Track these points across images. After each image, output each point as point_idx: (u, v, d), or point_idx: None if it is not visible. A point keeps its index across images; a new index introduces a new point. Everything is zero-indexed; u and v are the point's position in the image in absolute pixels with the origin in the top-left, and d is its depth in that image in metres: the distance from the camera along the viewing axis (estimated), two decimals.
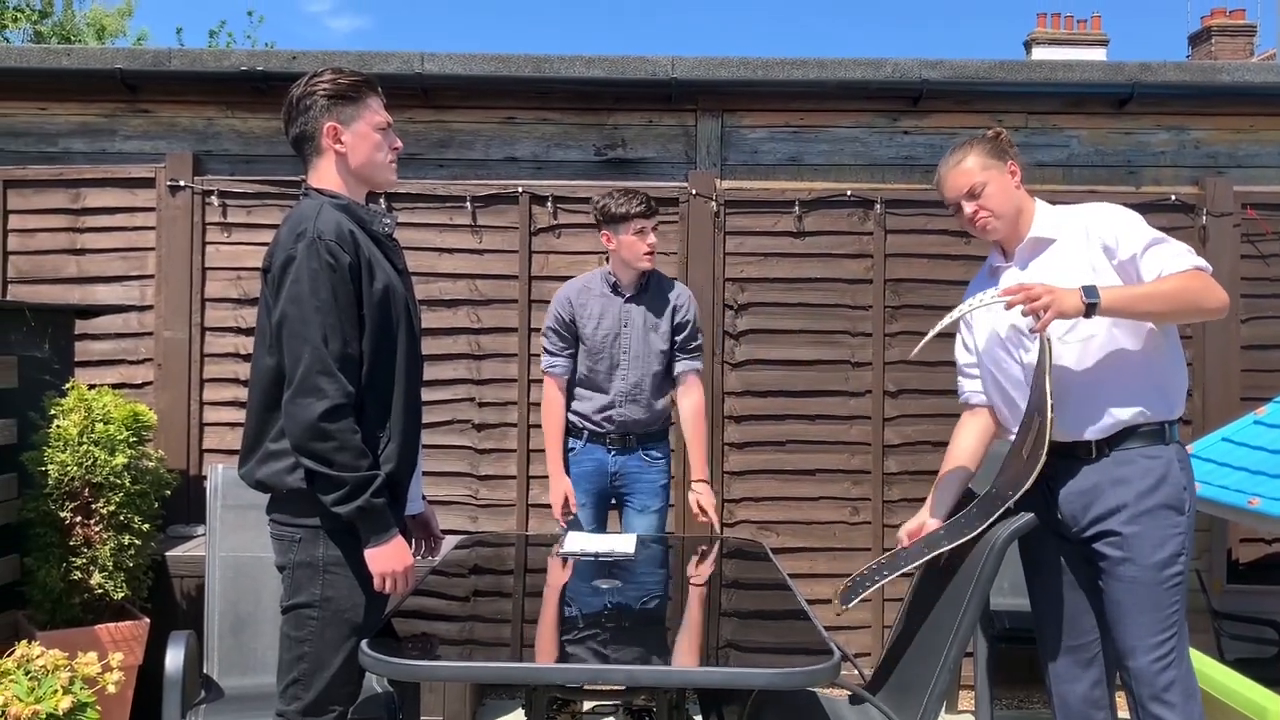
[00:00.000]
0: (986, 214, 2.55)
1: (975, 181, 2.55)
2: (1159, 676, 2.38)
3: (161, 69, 4.38)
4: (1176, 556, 2.40)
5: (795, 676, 2.07)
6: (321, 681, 2.23)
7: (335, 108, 2.33)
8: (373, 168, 2.38)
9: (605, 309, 3.55)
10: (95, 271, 4.44)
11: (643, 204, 3.47)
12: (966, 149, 2.59)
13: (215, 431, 4.42)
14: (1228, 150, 4.55)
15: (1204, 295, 2.37)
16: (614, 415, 3.54)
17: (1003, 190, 2.55)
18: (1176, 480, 2.42)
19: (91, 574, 3.40)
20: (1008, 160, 2.59)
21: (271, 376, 2.25)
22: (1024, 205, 2.59)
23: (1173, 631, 2.40)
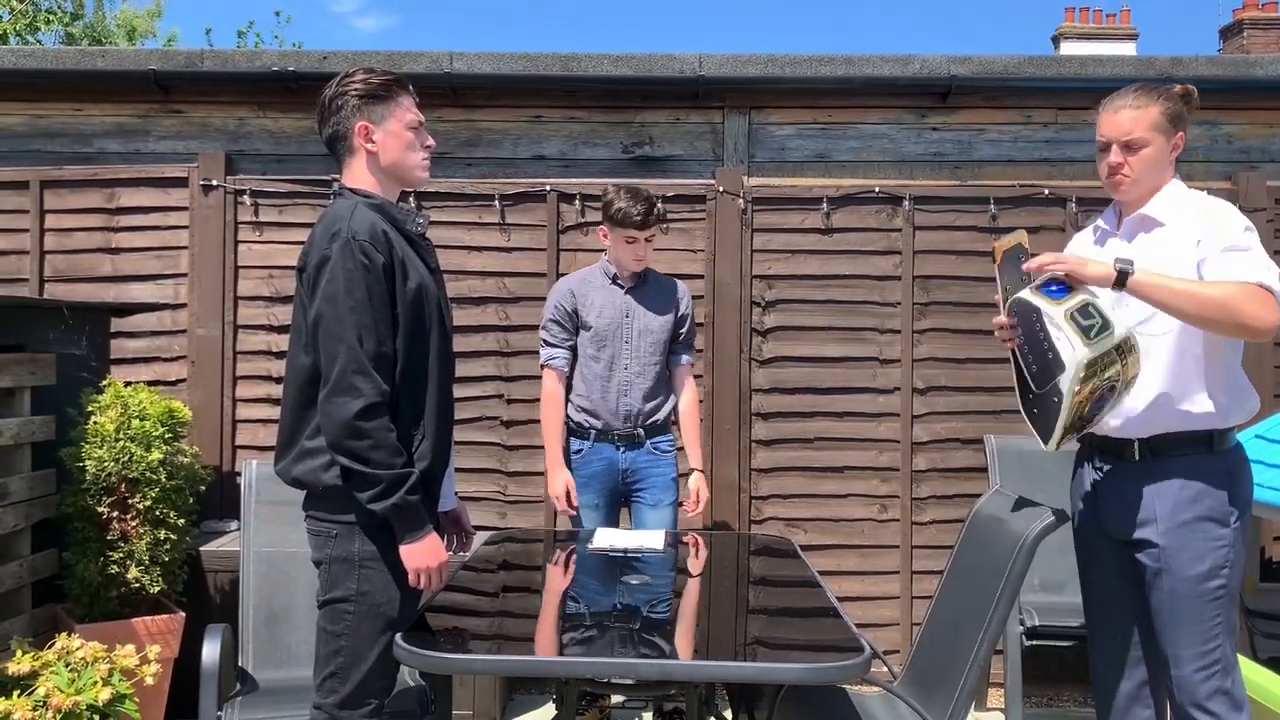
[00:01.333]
0: (1128, 174, 2.45)
1: (1139, 136, 2.44)
2: (1201, 686, 2.35)
3: (194, 70, 4.43)
4: (1218, 570, 2.34)
5: (826, 672, 2.08)
6: (358, 675, 2.26)
7: (367, 107, 2.36)
8: (405, 166, 2.41)
9: (607, 299, 3.61)
10: (130, 270, 4.50)
11: (641, 214, 3.48)
12: (1153, 96, 2.45)
13: (248, 428, 4.47)
14: (1261, 145, 4.51)
15: (1247, 311, 2.24)
16: (619, 405, 3.57)
17: (1158, 158, 2.45)
18: (1220, 492, 2.35)
19: (128, 568, 3.45)
20: (1179, 131, 2.48)
21: (307, 375, 2.28)
22: (1166, 176, 2.48)
23: (1216, 643, 2.35)
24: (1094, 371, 2.22)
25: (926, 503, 4.43)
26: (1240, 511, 2.37)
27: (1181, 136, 2.47)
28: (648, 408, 3.60)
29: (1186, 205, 2.45)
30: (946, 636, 2.61)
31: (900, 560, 4.43)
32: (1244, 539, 2.39)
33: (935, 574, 4.37)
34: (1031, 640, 3.68)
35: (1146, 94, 2.45)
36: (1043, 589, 3.88)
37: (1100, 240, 2.59)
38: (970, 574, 2.59)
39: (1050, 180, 4.48)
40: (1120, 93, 2.49)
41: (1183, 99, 2.48)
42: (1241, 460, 2.43)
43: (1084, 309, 2.25)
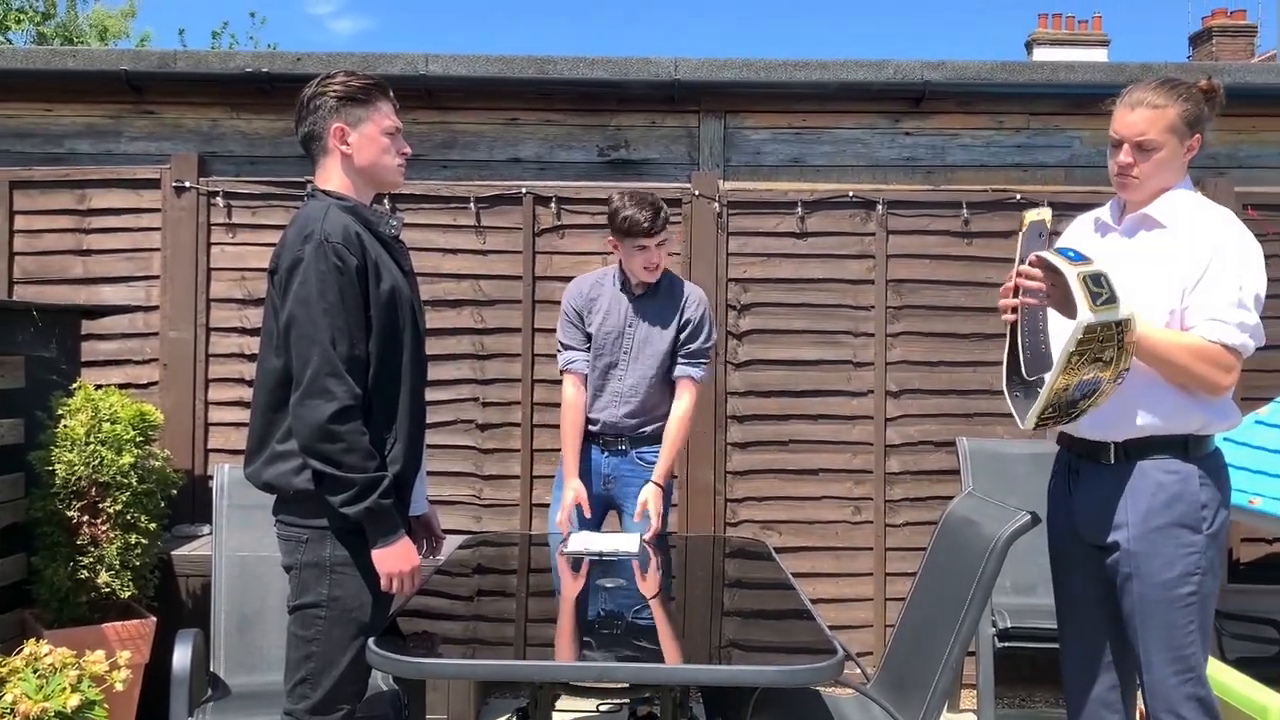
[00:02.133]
0: (1137, 175, 2.38)
1: (1153, 138, 2.36)
2: (1174, 692, 2.33)
3: (167, 70, 4.40)
4: (1189, 576, 2.31)
5: (799, 674, 2.09)
6: (329, 680, 2.25)
7: (344, 109, 2.35)
8: (379, 169, 2.39)
9: (613, 306, 3.49)
10: (101, 272, 4.46)
11: (648, 222, 3.32)
12: (1173, 96, 2.36)
13: (220, 431, 4.44)
14: (1229, 151, 4.56)
15: (1203, 378, 2.26)
16: (603, 417, 3.47)
17: (1169, 162, 2.38)
18: (1194, 498, 2.32)
19: (98, 573, 3.42)
20: (1195, 133, 2.39)
21: (278, 377, 2.27)
22: (1174, 182, 2.41)
23: (1189, 649, 2.33)
24: (1091, 341, 2.18)
25: (900, 505, 4.46)
26: (1214, 518, 2.34)
27: (1198, 139, 2.40)
28: (638, 421, 3.48)
29: (1192, 213, 2.38)
30: (919, 638, 2.62)
31: (874, 562, 4.45)
32: (1219, 546, 2.37)
33: (909, 576, 4.39)
34: (1004, 642, 3.71)
35: (1166, 92, 2.36)
36: (1015, 591, 3.91)
37: (1101, 231, 2.55)
38: (943, 576, 2.61)
39: (1022, 185, 4.51)
40: (1142, 85, 2.40)
41: (1205, 97, 2.40)
42: (1218, 466, 2.41)
43: (1096, 277, 2.22)
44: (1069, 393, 2.26)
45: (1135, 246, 2.43)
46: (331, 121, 2.35)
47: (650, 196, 3.43)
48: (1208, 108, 2.40)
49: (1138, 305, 2.27)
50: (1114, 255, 2.43)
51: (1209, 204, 2.43)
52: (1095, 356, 2.21)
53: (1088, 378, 2.24)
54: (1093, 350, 2.20)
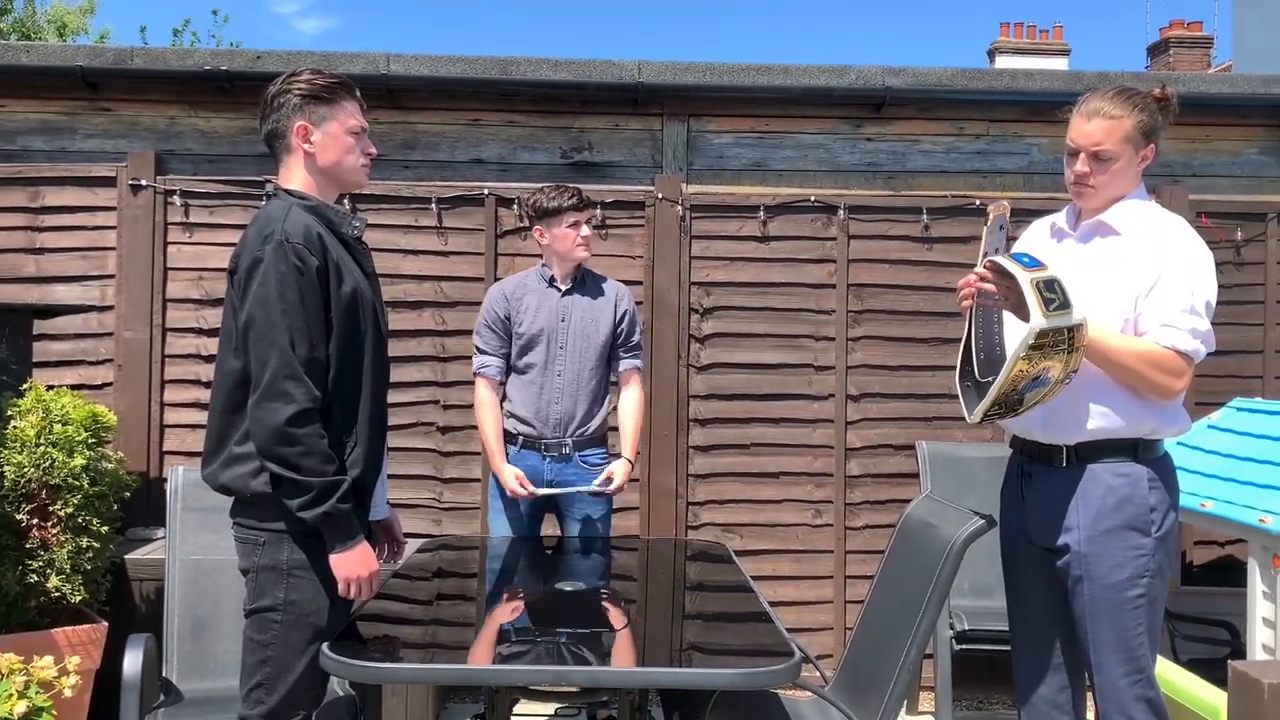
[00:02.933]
0: (1093, 185, 2.40)
1: (1109, 148, 2.37)
2: (1124, 693, 2.35)
3: (123, 67, 4.34)
4: (1137, 578, 2.33)
5: (757, 677, 2.09)
6: (285, 685, 2.22)
7: (308, 107, 2.33)
8: (342, 169, 2.37)
9: (542, 303, 3.50)
10: (54, 271, 4.39)
11: (574, 196, 3.44)
12: (1129, 106, 2.38)
13: (176, 433, 4.38)
14: (1183, 159, 4.63)
15: (1155, 382, 2.30)
16: (550, 412, 3.46)
17: (1125, 170, 2.40)
18: (1143, 501, 2.34)
19: (49, 577, 3.36)
20: (1151, 143, 2.41)
21: (236, 379, 2.24)
22: (1130, 190, 2.44)
23: (1139, 651, 2.35)
24: (1043, 345, 2.21)
25: (860, 508, 4.48)
26: (1163, 521, 2.36)
27: (1153, 148, 2.42)
28: (579, 416, 3.47)
29: (1146, 221, 2.41)
30: (877, 640, 2.63)
31: (834, 565, 4.47)
32: (1168, 548, 2.39)
33: (868, 578, 4.39)
34: (961, 644, 3.74)
35: (1123, 103, 2.38)
36: (972, 593, 3.95)
37: (1057, 237, 2.57)
38: (900, 578, 2.63)
39: (981, 191, 4.56)
40: (1098, 94, 2.42)
41: (1159, 105, 2.41)
42: (1168, 470, 2.43)
43: (1050, 282, 2.25)
44: (1016, 391, 2.29)
45: (1090, 253, 2.46)
46: (295, 119, 2.32)
47: (563, 184, 3.54)
48: (1162, 116, 2.42)
49: (1091, 310, 2.29)
50: (1069, 261, 2.44)
51: (1163, 212, 2.46)
52: (1046, 358, 2.24)
53: (1036, 376, 2.27)
54: (1043, 353, 2.22)
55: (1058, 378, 2.28)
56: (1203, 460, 3.57)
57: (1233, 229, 4.56)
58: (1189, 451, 3.70)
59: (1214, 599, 4.06)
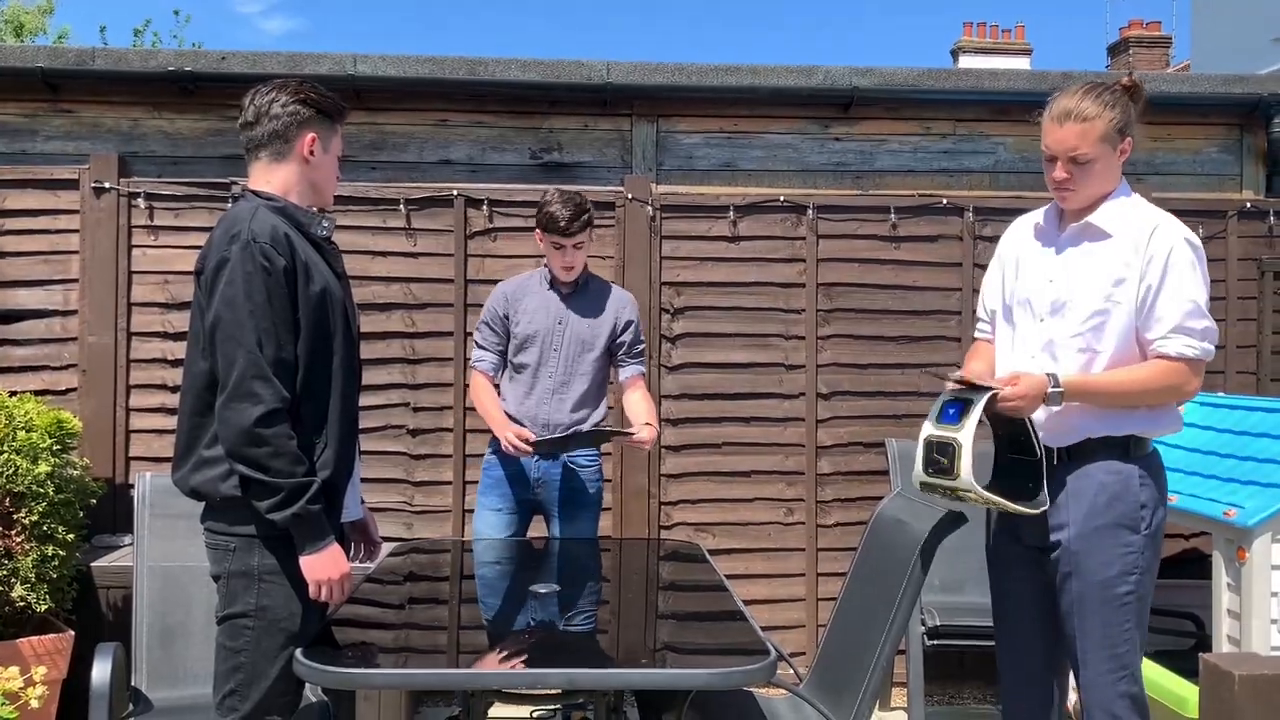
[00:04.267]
0: (1072, 189, 2.39)
1: (1086, 151, 2.35)
2: (1108, 690, 2.36)
3: (85, 68, 4.29)
4: (1126, 575, 2.33)
5: (732, 676, 2.10)
6: (259, 692, 2.20)
7: (320, 121, 2.35)
8: (326, 188, 2.42)
9: (541, 304, 3.50)
10: (15, 275, 4.32)
11: (564, 221, 3.35)
12: (1101, 105, 2.35)
13: (142, 439, 4.32)
14: (1146, 158, 4.70)
15: (1173, 392, 2.34)
16: (539, 413, 3.45)
17: (1104, 171, 2.38)
18: (1134, 498, 2.34)
19: (13, 586, 3.31)
20: (1127, 137, 2.38)
21: (204, 381, 2.22)
22: (1112, 186, 2.42)
23: (1124, 648, 2.35)
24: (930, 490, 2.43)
25: (831, 505, 4.51)
26: (1152, 518, 2.36)
27: (1129, 142, 2.39)
28: (568, 420, 3.46)
29: (1134, 218, 2.38)
30: (851, 638, 2.65)
31: (806, 563, 4.49)
32: (1156, 546, 2.39)
33: (840, 576, 4.43)
34: (933, 640, 3.77)
35: (1094, 102, 2.35)
36: (944, 589, 3.98)
37: (1043, 240, 2.52)
38: (873, 576, 2.64)
39: (948, 190, 4.60)
40: (1067, 94, 2.38)
41: (1130, 95, 2.39)
42: (1157, 467, 2.43)
43: (944, 446, 2.38)
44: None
45: (1081, 258, 2.43)
46: (307, 130, 2.32)
47: (578, 198, 3.45)
48: (1135, 107, 2.40)
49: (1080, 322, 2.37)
50: (1059, 267, 2.44)
51: (1151, 210, 2.42)
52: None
53: None
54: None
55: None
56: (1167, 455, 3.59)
57: (1194, 226, 4.59)
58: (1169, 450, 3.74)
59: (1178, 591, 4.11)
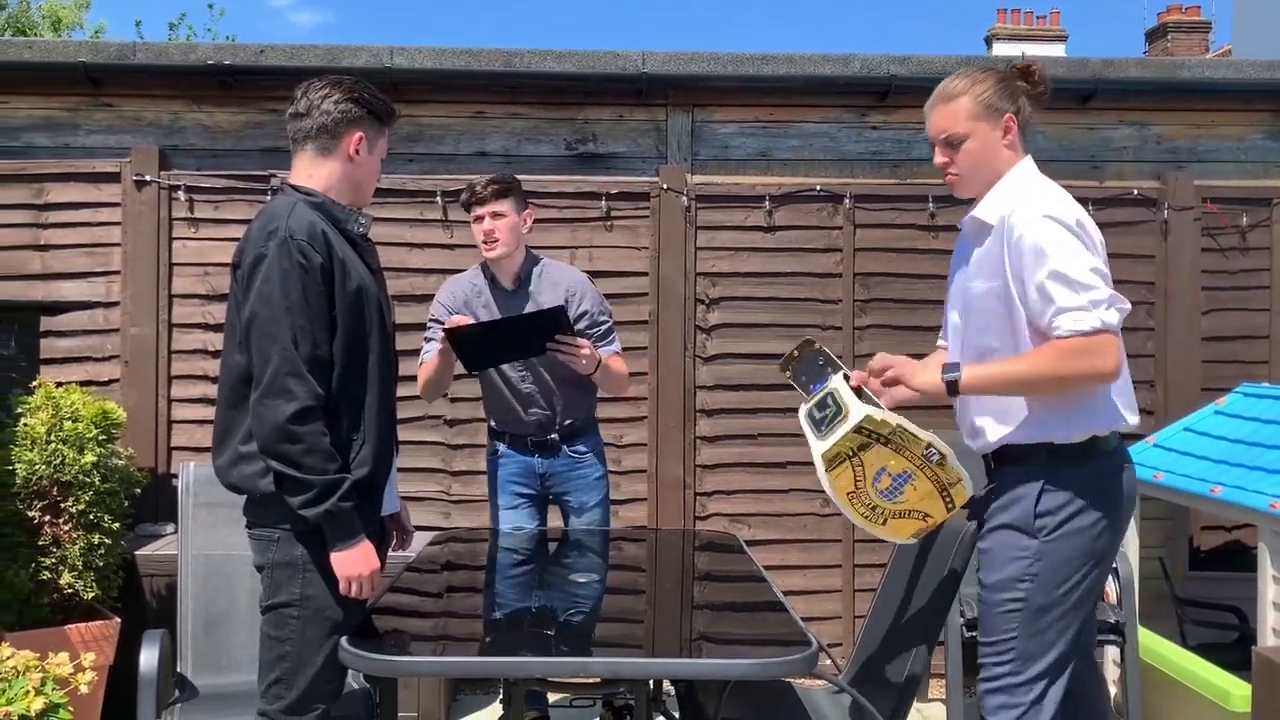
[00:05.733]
0: (955, 171, 2.33)
1: (955, 131, 2.29)
2: (985, 699, 2.28)
3: (126, 62, 4.33)
4: (1015, 581, 2.21)
5: (772, 667, 2.09)
6: (304, 680, 2.22)
7: (369, 121, 2.36)
8: (365, 189, 2.42)
9: (486, 308, 3.38)
10: (60, 268, 4.38)
11: (469, 192, 3.30)
12: (967, 81, 2.28)
13: (184, 429, 4.38)
14: (1188, 145, 4.63)
15: (1080, 374, 2.12)
16: (527, 417, 3.42)
17: (984, 149, 2.28)
18: (1028, 503, 2.22)
19: (61, 574, 3.36)
20: (1006, 113, 2.28)
21: (239, 373, 2.24)
22: (1005, 167, 2.30)
23: (1005, 658, 2.23)
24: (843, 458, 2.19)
25: None
26: (1056, 527, 2.20)
27: (1011, 117, 2.28)
28: (559, 414, 3.41)
29: (1008, 210, 2.23)
30: (890, 630, 2.64)
31: (842, 554, 4.48)
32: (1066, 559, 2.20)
33: (876, 567, 4.42)
34: (971, 632, 3.74)
35: (959, 80, 2.30)
36: None
37: (962, 238, 2.44)
38: (913, 568, 2.63)
39: None
40: (945, 82, 2.33)
41: (1022, 77, 2.30)
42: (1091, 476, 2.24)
43: (820, 402, 2.27)
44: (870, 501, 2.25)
45: (976, 254, 2.33)
46: (356, 129, 2.33)
47: (506, 174, 3.40)
48: (1024, 82, 2.31)
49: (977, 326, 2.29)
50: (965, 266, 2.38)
51: (1027, 192, 2.26)
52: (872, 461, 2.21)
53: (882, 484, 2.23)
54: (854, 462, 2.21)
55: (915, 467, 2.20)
56: (1211, 446, 3.57)
57: (1238, 215, 4.56)
58: (1196, 437, 3.71)
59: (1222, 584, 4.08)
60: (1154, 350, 4.53)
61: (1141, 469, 3.52)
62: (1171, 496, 3.55)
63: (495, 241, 3.29)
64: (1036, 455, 2.25)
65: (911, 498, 2.24)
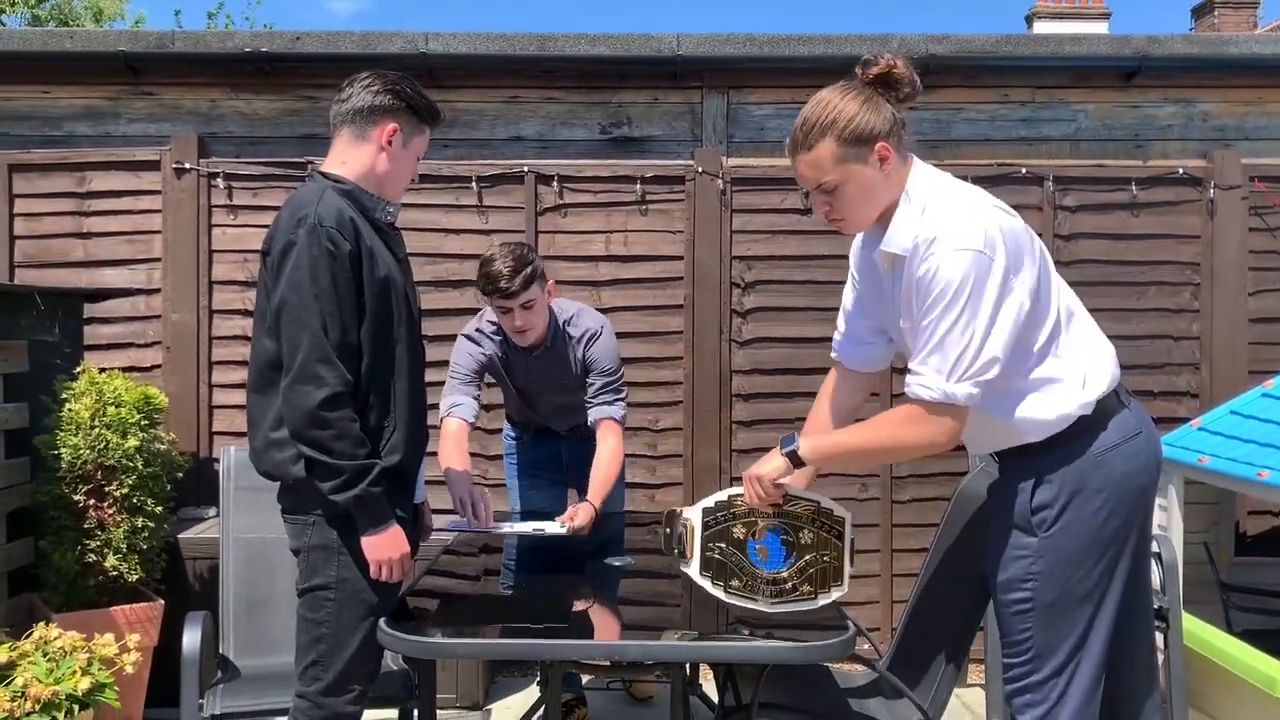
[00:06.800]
0: (839, 218, 2.15)
1: (824, 181, 2.09)
2: (1012, 699, 2.22)
3: (165, 51, 4.37)
4: (1019, 582, 2.14)
5: (811, 651, 2.09)
6: (340, 662, 2.25)
7: (407, 115, 2.37)
8: (394, 184, 2.40)
9: (507, 364, 3.33)
10: (102, 255, 4.44)
11: (504, 280, 3.02)
12: (825, 124, 2.05)
13: (224, 414, 4.43)
14: (1235, 123, 4.53)
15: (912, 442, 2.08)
16: (552, 423, 3.48)
17: (863, 190, 2.09)
18: (1024, 499, 2.13)
19: (106, 556, 3.41)
20: (873, 143, 2.05)
21: (267, 358, 2.26)
22: (892, 194, 2.11)
23: (1025, 657, 2.17)
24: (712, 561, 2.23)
25: (906, 481, 4.45)
26: (1055, 520, 2.11)
27: (883, 145, 2.05)
28: (582, 423, 3.34)
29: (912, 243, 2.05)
30: (930, 615, 2.62)
31: (880, 538, 4.45)
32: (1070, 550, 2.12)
33: (915, 552, 4.39)
34: None
35: (812, 123, 2.08)
36: None
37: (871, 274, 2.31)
38: (955, 553, 2.61)
39: (1027, 159, 4.49)
40: (795, 127, 2.11)
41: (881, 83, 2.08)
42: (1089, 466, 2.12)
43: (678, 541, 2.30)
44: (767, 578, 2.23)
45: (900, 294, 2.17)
46: (391, 119, 2.34)
47: (521, 249, 3.13)
48: (888, 90, 2.09)
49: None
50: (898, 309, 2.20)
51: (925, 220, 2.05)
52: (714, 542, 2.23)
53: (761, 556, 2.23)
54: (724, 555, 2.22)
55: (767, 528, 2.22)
56: (1257, 429, 3.50)
57: None
58: (1242, 420, 3.64)
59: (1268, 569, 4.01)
60: (1199, 332, 4.45)
61: (1186, 452, 3.46)
62: (1217, 480, 3.48)
63: (529, 331, 3.16)
64: (1027, 448, 2.16)
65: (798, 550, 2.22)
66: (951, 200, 2.07)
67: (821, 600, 2.18)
